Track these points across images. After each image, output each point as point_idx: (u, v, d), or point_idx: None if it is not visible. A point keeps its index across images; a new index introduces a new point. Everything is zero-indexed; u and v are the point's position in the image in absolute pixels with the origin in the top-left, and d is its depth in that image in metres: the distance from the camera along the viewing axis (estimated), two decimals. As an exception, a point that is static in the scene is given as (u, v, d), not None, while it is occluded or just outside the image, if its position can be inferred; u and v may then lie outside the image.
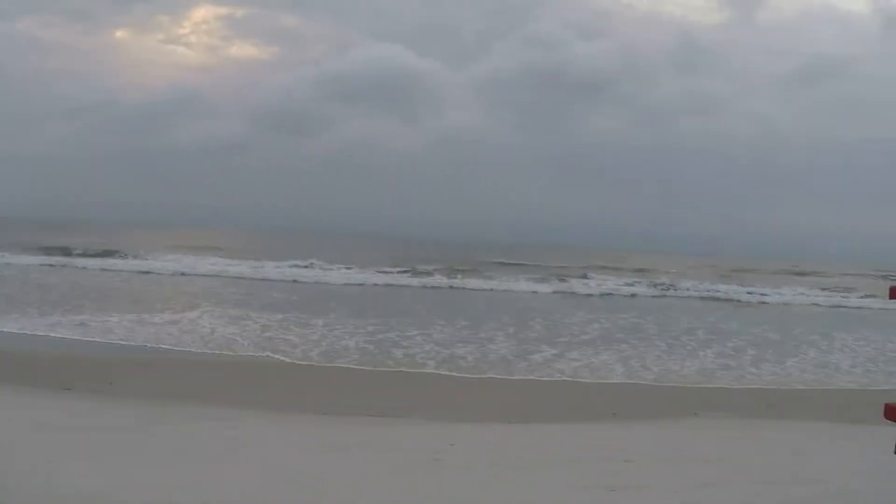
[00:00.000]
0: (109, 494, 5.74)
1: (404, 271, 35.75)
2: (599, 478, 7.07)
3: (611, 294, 31.63)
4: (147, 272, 32.76)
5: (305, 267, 35.99)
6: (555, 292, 31.28)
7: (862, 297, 34.97)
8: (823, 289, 38.94)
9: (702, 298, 31.86)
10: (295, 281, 31.75)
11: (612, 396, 12.03)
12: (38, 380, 11.01)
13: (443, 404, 10.96)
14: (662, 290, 33.23)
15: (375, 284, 31.94)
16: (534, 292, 31.43)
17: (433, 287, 31.65)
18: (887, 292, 4.14)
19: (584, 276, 35.60)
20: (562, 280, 34.83)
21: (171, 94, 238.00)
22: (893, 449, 3.71)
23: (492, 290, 31.41)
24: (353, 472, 6.99)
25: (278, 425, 9.17)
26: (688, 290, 33.64)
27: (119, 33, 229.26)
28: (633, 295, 31.60)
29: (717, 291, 33.37)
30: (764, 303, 31.55)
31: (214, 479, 6.52)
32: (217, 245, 53.62)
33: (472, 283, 33.09)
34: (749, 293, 32.96)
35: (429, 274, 34.94)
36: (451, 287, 31.43)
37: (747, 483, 6.93)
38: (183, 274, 32.50)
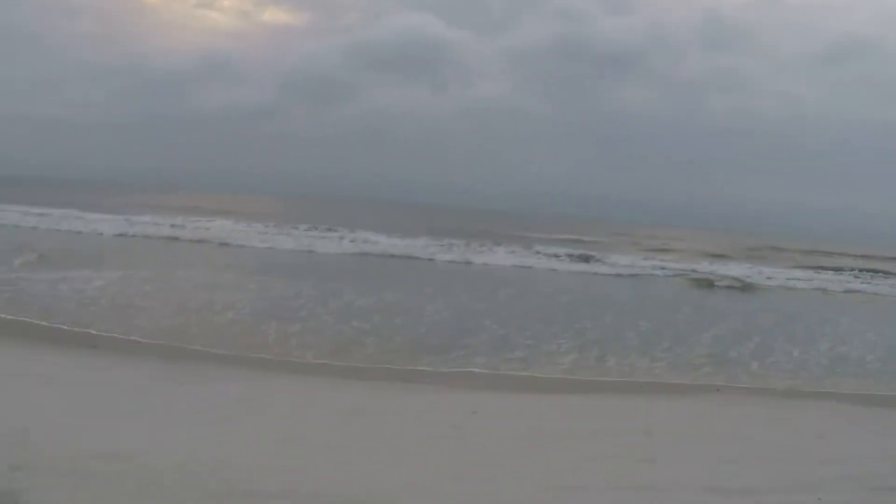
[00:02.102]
0: (132, 454, 5.83)
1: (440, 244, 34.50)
2: (621, 450, 7.11)
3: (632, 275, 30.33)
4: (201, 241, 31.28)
5: (352, 241, 34.33)
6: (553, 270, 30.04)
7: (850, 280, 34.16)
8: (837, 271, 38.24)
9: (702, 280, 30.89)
10: (346, 253, 30.47)
11: (631, 370, 12.01)
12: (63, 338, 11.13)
13: (464, 373, 10.98)
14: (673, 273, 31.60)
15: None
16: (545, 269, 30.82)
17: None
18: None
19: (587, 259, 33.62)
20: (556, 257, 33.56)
21: (201, 60, 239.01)
22: None
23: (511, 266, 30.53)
24: (373, 439, 7.05)
25: (301, 387, 9.29)
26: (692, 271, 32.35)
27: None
28: (653, 275, 30.84)
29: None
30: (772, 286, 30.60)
31: (236, 440, 6.62)
32: (251, 210, 53.65)
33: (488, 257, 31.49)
34: (768, 278, 31.91)
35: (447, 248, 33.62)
36: (467, 262, 29.96)
37: (770, 462, 6.94)
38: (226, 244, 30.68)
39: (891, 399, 11.16)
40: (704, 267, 33.78)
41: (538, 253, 34.52)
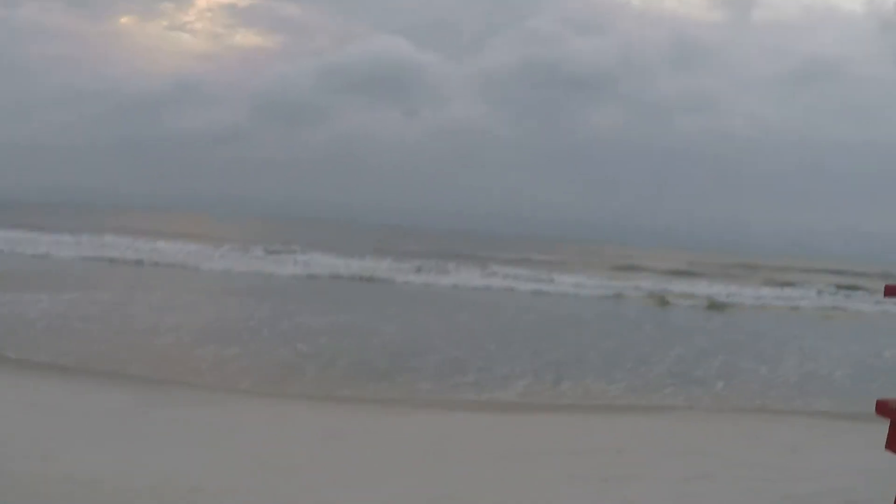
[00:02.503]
0: (105, 479, 5.75)
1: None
2: (593, 468, 7.08)
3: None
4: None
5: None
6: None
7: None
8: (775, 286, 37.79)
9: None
10: (311, 276, 30.20)
11: (604, 388, 11.87)
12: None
13: (438, 395, 10.88)
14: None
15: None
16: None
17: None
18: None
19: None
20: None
21: (174, 82, 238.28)
22: (885, 445, 3.40)
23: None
24: (349, 460, 7.00)
25: (275, 410, 9.17)
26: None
27: (123, 20, 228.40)
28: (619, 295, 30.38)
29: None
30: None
31: (210, 464, 6.53)
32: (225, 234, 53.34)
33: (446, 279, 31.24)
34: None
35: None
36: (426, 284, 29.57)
37: (743, 478, 6.90)
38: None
39: (863, 413, 10.82)
40: (671, 286, 33.54)
41: (494, 273, 34.03)
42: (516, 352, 14.74)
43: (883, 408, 3.54)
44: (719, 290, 32.94)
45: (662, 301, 27.69)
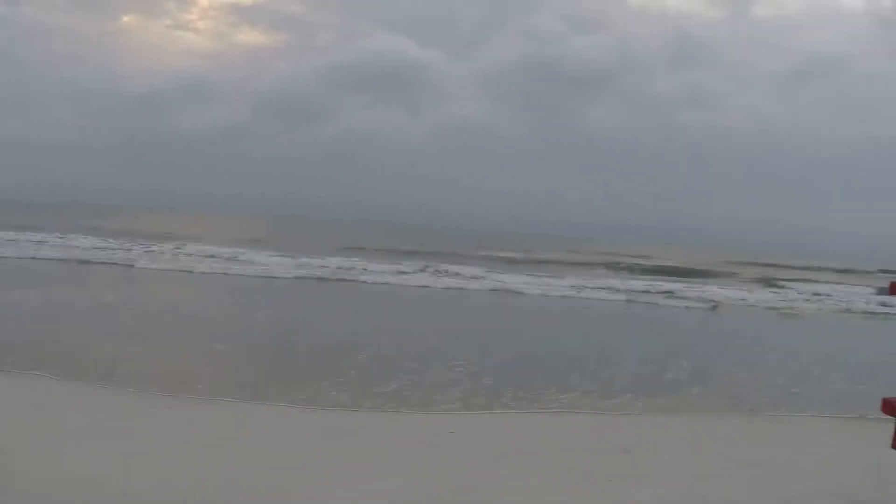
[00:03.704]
0: (110, 478, 5.77)
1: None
2: (599, 467, 7.07)
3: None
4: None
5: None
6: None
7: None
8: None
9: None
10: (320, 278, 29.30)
11: (613, 390, 11.73)
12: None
13: (441, 395, 10.69)
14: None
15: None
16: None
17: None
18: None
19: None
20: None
21: (176, 81, 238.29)
22: (891, 443, 3.56)
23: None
24: (351, 460, 6.99)
25: (278, 412, 9.15)
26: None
27: (126, 18, 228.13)
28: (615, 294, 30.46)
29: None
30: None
31: (213, 463, 6.55)
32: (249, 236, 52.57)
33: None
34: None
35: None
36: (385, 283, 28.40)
37: (749, 476, 6.91)
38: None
39: (868, 412, 10.97)
40: (672, 286, 33.02)
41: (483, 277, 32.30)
42: (520, 353, 14.75)
43: (889, 406, 3.66)
44: (720, 289, 32.84)
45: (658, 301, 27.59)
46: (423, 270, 32.60)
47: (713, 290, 32.20)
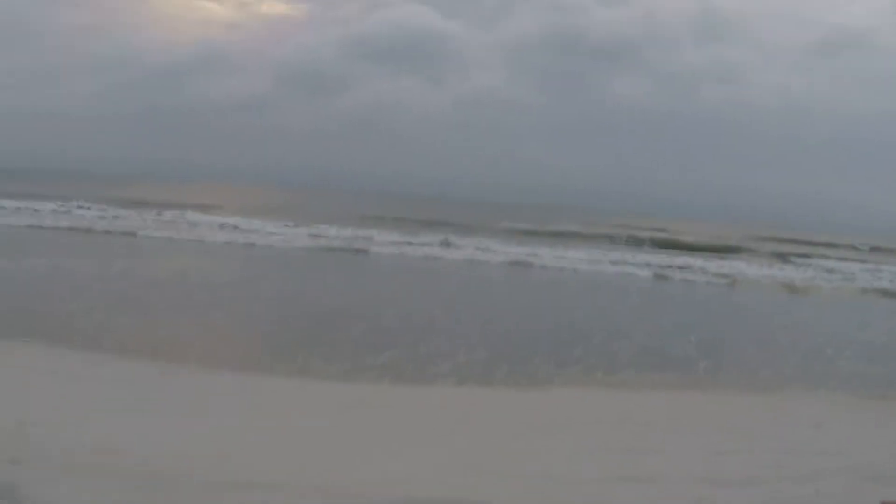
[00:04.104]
0: (130, 448, 5.82)
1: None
2: (618, 442, 7.09)
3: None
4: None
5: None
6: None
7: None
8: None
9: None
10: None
11: (628, 363, 11.66)
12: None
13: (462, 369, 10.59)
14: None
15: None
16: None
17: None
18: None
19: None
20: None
21: (198, 51, 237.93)
22: None
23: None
24: (370, 431, 7.01)
25: (298, 383, 9.15)
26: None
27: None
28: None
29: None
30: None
31: (234, 433, 6.59)
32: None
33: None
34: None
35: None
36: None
37: (766, 453, 6.92)
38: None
39: (887, 389, 11.03)
40: (695, 261, 32.04)
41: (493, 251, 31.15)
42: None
43: None
44: (741, 264, 32.51)
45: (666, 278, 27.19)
46: (442, 244, 31.78)
47: (733, 266, 31.83)
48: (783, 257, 40.92)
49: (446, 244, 31.80)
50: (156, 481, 5.18)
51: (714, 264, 31.56)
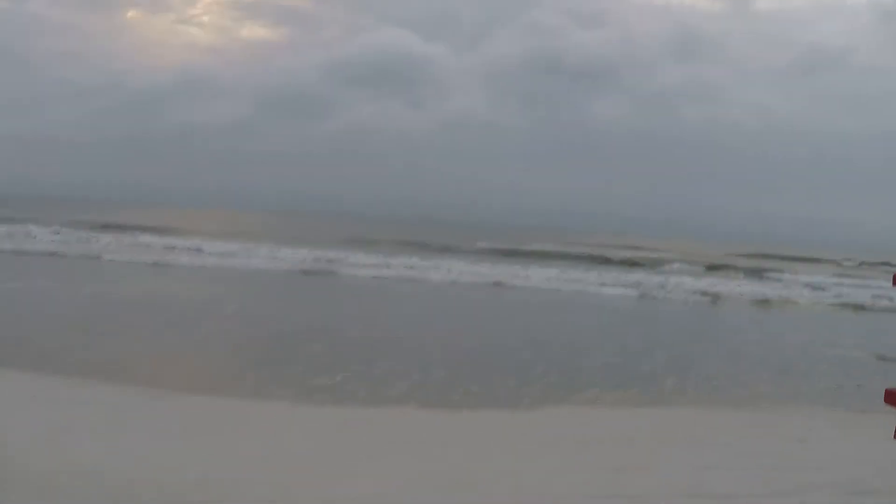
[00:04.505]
0: (111, 469, 5.78)
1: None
2: (603, 458, 7.09)
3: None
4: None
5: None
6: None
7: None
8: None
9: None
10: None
11: (610, 381, 11.78)
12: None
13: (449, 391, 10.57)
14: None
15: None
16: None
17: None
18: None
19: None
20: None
21: (180, 76, 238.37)
22: (893, 434, 3.52)
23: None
24: (356, 453, 6.98)
25: (280, 406, 9.03)
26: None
27: (130, 14, 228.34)
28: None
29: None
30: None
31: (216, 455, 6.54)
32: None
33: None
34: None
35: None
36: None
37: (751, 468, 6.94)
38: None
39: (870, 404, 10.95)
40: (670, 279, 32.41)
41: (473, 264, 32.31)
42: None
43: (893, 397, 3.63)
44: (721, 282, 32.77)
45: (644, 295, 27.43)
46: (411, 267, 30.70)
47: (713, 283, 32.09)
48: (765, 273, 41.32)
49: (419, 268, 30.80)
50: (133, 503, 5.14)
51: (694, 282, 31.73)
